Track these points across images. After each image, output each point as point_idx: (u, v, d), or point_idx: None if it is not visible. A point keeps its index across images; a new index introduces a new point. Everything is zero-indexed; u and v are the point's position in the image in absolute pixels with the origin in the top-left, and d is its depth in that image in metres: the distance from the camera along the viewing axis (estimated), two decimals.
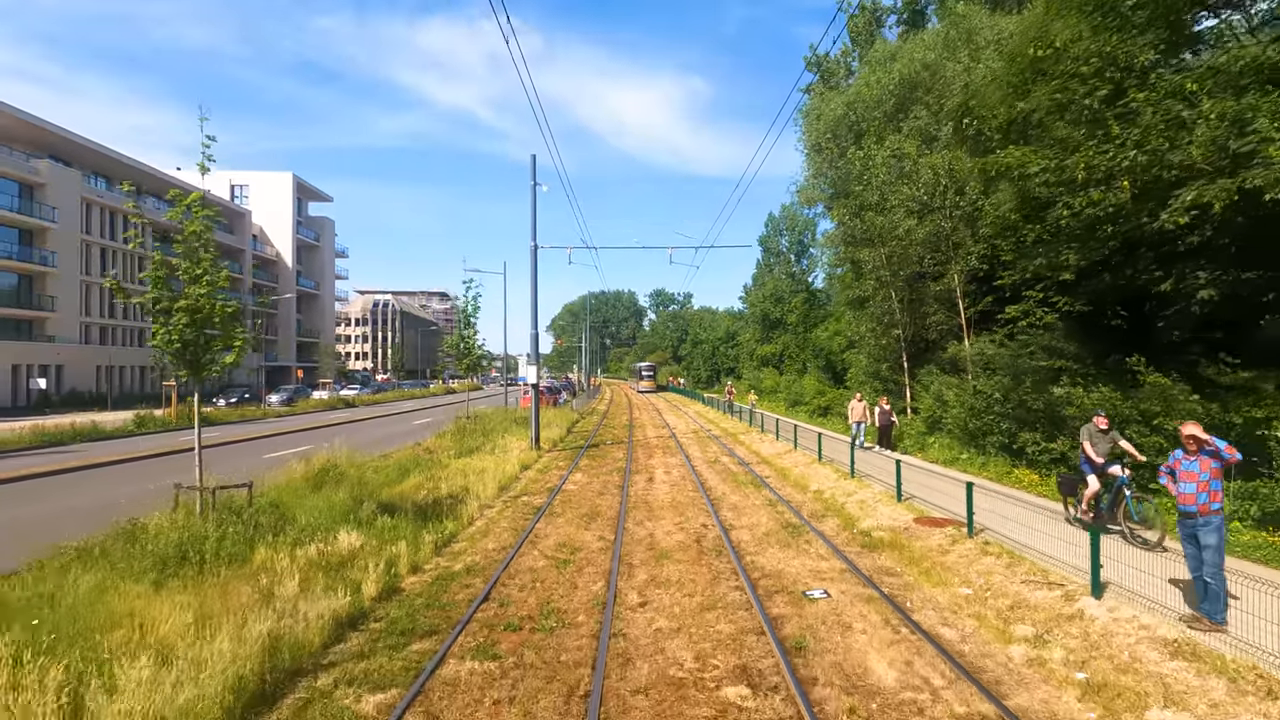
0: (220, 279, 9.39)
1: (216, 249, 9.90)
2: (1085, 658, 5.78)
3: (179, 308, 8.98)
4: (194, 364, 9.28)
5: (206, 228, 9.69)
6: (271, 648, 5.60)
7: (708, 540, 10.20)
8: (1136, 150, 8.62)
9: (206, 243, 9.46)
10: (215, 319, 9.29)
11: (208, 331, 9.29)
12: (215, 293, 9.29)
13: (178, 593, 6.69)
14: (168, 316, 9.01)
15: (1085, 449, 8.99)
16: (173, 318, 8.99)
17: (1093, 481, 8.97)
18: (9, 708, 4.41)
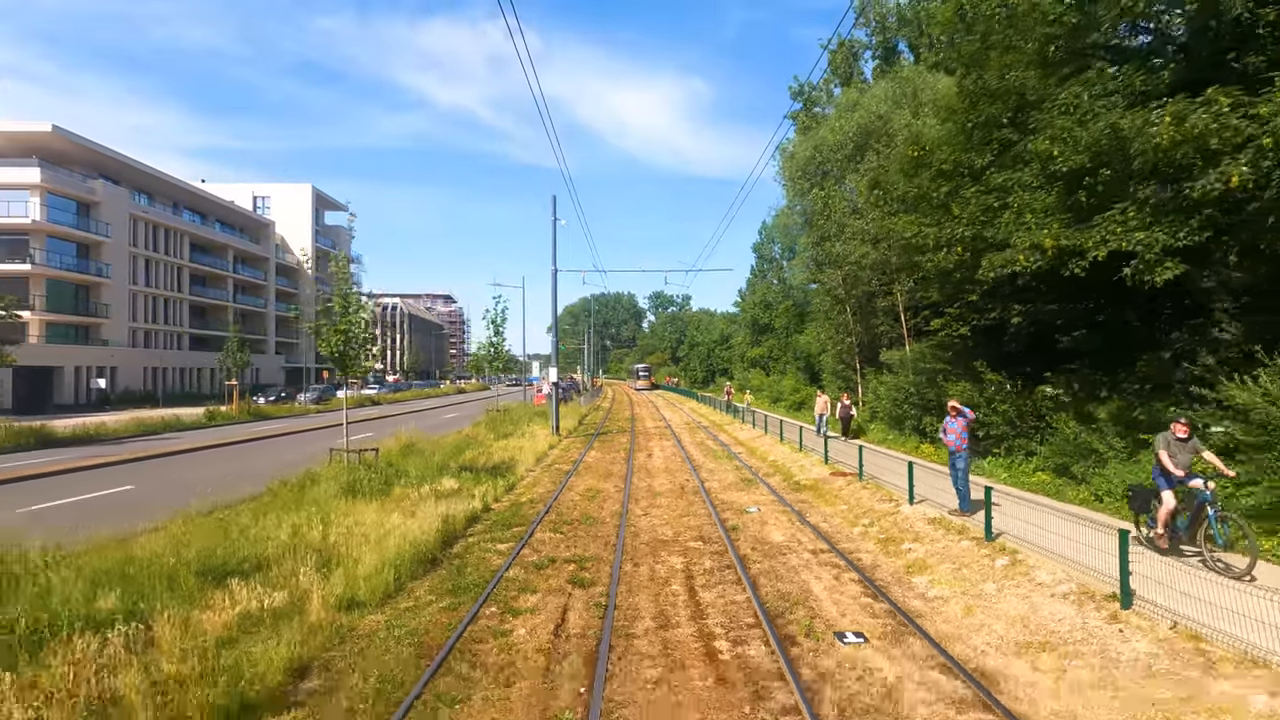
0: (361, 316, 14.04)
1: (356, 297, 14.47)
2: (888, 529, 10.47)
3: (338, 329, 13.65)
4: (343, 365, 13.98)
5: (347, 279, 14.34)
6: (441, 526, 10.26)
7: (689, 487, 14.90)
8: (964, 228, 13.25)
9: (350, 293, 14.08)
10: (358, 338, 13.96)
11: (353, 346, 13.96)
12: (358, 322, 13.95)
13: (363, 504, 11.34)
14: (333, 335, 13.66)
15: (1161, 459, 7.78)
16: (334, 337, 13.66)
17: (1168, 498, 7.69)
18: (320, 539, 9.03)
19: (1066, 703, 5.22)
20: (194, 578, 7.21)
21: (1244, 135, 8.38)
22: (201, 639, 5.86)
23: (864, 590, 7.96)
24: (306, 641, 6.12)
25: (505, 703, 5.28)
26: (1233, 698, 4.86)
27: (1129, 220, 9.76)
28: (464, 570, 8.71)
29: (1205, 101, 8.89)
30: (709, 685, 5.58)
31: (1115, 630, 6.14)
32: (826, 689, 5.50)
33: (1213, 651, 5.47)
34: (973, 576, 8.02)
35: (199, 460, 19.63)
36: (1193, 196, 8.85)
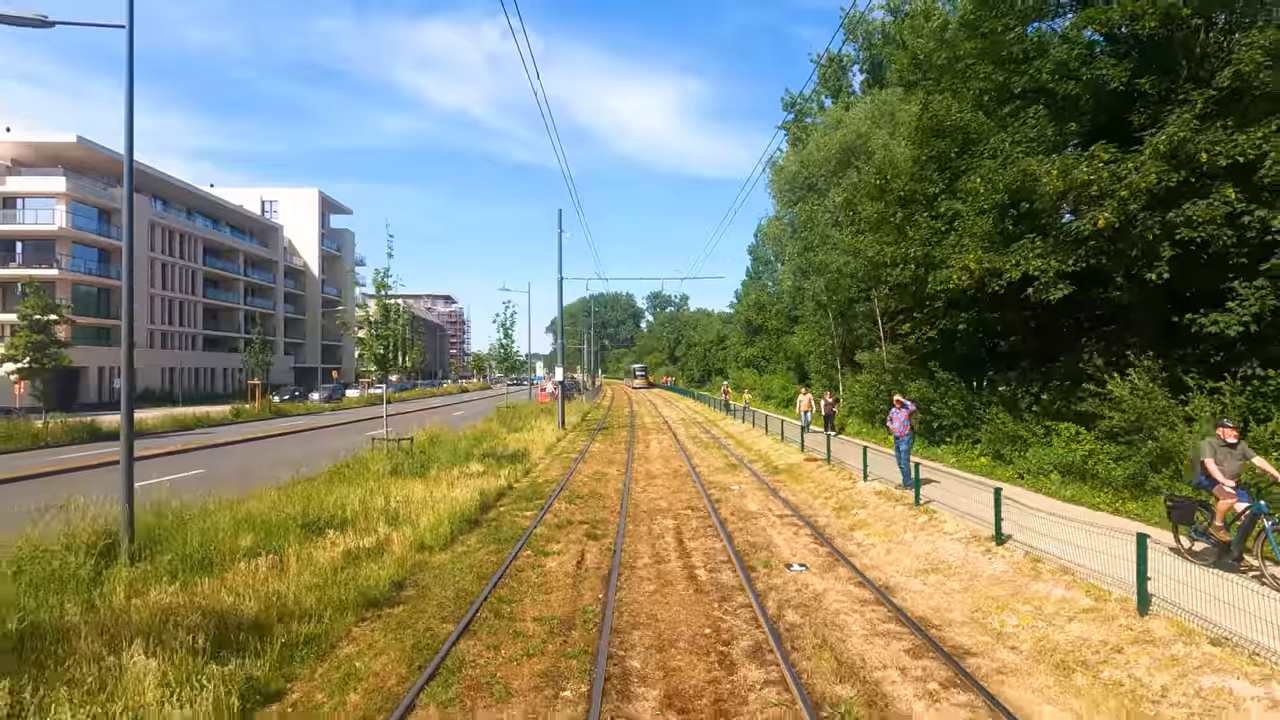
0: (402, 325, 16.29)
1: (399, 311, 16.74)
2: (842, 500, 12.78)
3: (381, 336, 15.93)
4: (384, 366, 16.25)
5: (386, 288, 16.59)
6: (478, 497, 12.54)
7: (682, 471, 17.20)
8: (916, 248, 15.53)
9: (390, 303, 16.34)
10: (398, 343, 16.24)
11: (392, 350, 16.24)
12: (397, 329, 16.22)
13: (408, 481, 13.60)
14: (374, 341, 15.93)
15: (1208, 468, 7.26)
16: (376, 343, 15.93)
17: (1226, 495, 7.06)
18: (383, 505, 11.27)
19: (938, 601, 7.54)
20: (299, 529, 9.48)
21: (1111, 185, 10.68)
22: (320, 566, 8.14)
23: (813, 540, 10.26)
24: (397, 567, 8.41)
25: (546, 602, 7.57)
26: (1042, 594, 7.16)
27: (1034, 249, 12.08)
28: (500, 528, 11.00)
29: (1089, 156, 11.21)
30: (690, 593, 7.88)
31: (986, 559, 8.45)
32: (772, 594, 7.80)
33: (1041, 566, 7.77)
34: (897, 530, 10.32)
35: (248, 450, 21.89)
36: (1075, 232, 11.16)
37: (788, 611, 7.26)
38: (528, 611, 7.25)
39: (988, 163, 13.42)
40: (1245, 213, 10.28)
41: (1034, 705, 5.22)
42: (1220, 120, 10.64)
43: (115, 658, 5.15)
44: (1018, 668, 5.87)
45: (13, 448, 21.92)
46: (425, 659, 5.96)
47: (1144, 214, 10.85)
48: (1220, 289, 10.80)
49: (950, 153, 16.20)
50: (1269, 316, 10.38)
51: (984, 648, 6.31)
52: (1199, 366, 11.23)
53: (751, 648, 6.28)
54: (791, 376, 40.40)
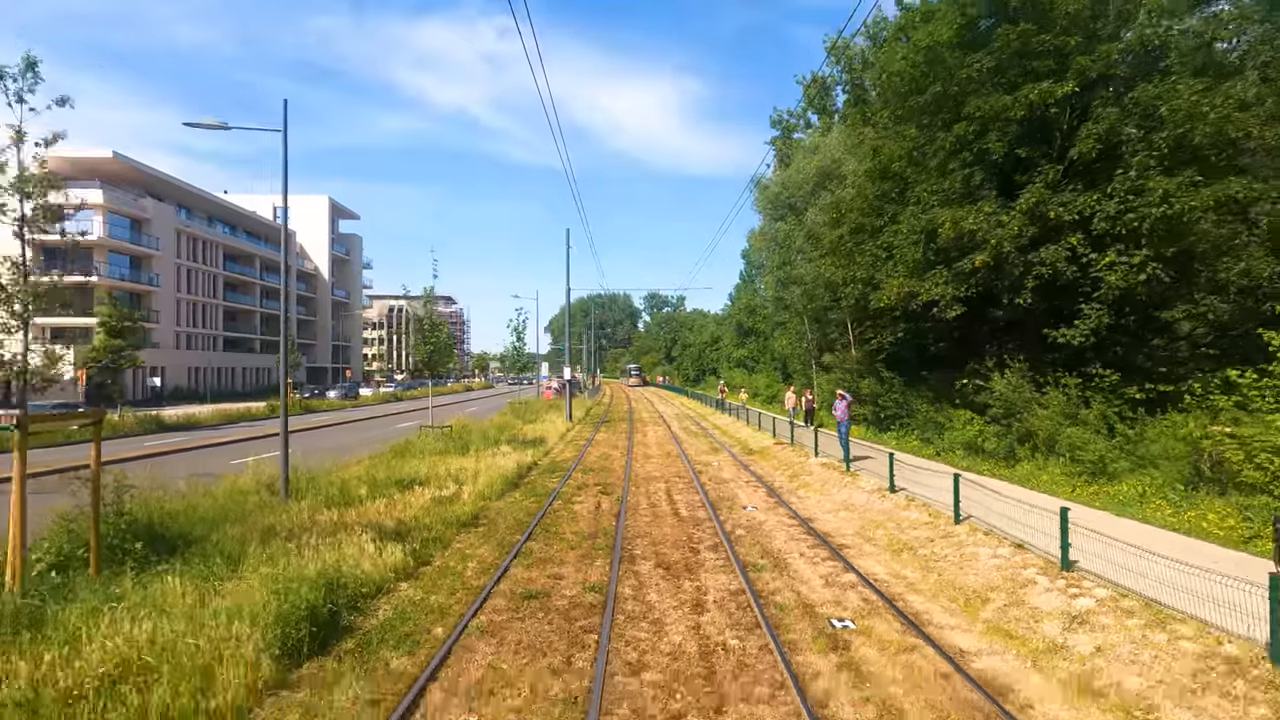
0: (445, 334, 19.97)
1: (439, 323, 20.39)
2: (795, 470, 16.53)
3: (428, 342, 19.62)
4: (432, 367, 19.94)
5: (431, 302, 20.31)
6: (515, 468, 16.24)
7: (674, 453, 20.91)
8: (862, 271, 19.24)
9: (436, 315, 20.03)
10: (441, 347, 19.92)
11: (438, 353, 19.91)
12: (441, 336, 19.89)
13: (456, 457, 17.26)
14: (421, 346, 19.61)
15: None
16: (424, 348, 19.61)
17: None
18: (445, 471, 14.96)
19: (839, 525, 11.26)
20: (394, 484, 13.15)
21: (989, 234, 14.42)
22: (418, 506, 11.82)
23: (767, 495, 14.00)
24: (472, 507, 12.10)
25: (576, 526, 11.26)
26: (904, 517, 10.89)
27: (940, 278, 15.83)
28: (535, 488, 14.70)
29: (976, 209, 14.96)
30: (674, 522, 11.59)
31: (880, 501, 12.18)
32: (729, 522, 11.54)
33: (912, 503, 11.49)
34: (829, 488, 14.06)
35: (310, 437, 25.48)
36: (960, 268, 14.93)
37: (738, 530, 10.98)
38: (566, 530, 10.96)
39: (912, 207, 17.19)
40: (1084, 255, 14.04)
41: (868, 564, 8.96)
42: (1070, 185, 14.42)
43: (333, 537, 8.82)
44: (871, 552, 9.61)
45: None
46: (507, 550, 9.65)
47: (1014, 254, 14.60)
48: (1072, 310, 14.56)
49: (892, 193, 19.95)
50: (1104, 331, 14.15)
51: (856, 544, 10.05)
52: (1059, 367, 14.97)
53: (711, 545, 10.01)
54: (776, 376, 44.16)
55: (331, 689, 5.40)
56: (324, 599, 6.66)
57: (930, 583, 8.26)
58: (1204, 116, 12.96)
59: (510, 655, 6.15)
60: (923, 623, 6.94)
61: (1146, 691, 5.19)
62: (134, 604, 6.09)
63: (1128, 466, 12.02)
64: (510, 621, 6.98)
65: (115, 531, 7.64)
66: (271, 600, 6.17)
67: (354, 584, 7.44)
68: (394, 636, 6.51)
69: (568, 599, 7.67)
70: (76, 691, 4.75)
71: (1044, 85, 14.20)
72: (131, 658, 5.12)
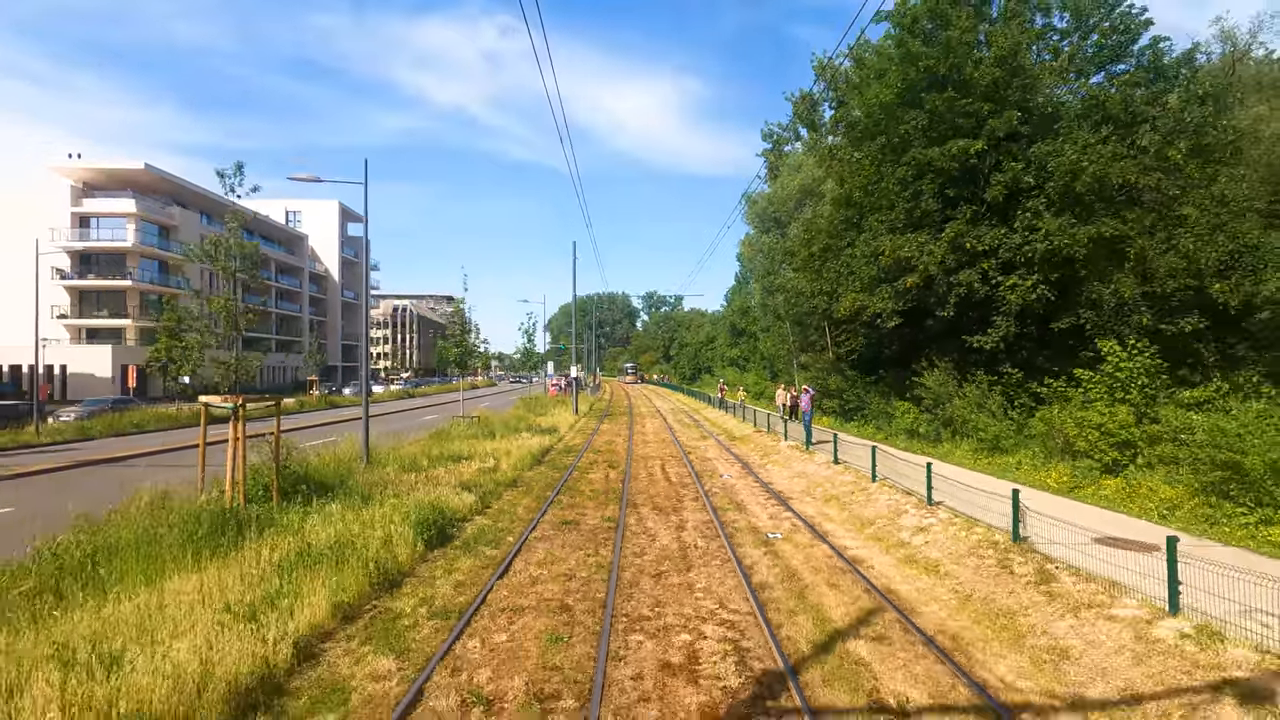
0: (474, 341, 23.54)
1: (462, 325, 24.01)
2: (767, 450, 20.14)
3: (459, 344, 23.18)
4: (463, 365, 23.51)
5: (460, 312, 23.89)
6: (537, 449, 19.82)
7: (668, 440, 24.51)
8: (827, 284, 22.84)
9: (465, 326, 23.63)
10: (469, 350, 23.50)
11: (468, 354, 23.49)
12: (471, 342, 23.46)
13: (486, 440, 20.83)
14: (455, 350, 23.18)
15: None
16: (454, 350, 23.18)
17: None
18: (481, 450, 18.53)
19: (791, 486, 14.87)
20: (446, 458, 16.71)
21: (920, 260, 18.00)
22: (469, 472, 15.39)
23: (741, 468, 17.59)
24: (510, 475, 15.67)
25: (592, 488, 14.85)
26: (841, 480, 14.49)
27: (885, 294, 19.45)
28: (555, 464, 18.28)
29: (909, 239, 18.55)
30: (666, 485, 15.18)
31: (827, 471, 15.77)
32: (708, 485, 15.14)
33: (849, 471, 15.08)
34: (791, 462, 17.66)
35: (347, 429, 29.02)
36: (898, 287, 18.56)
37: (714, 489, 14.59)
38: (584, 489, 14.55)
39: (865, 234, 20.79)
40: (994, 278, 17.65)
41: (803, 507, 12.57)
42: (985, 221, 18.03)
43: (423, 487, 12.37)
44: (808, 501, 13.23)
45: (167, 426, 29.08)
46: (543, 500, 13.22)
47: (940, 276, 18.21)
48: (987, 321, 18.16)
49: (853, 219, 23.54)
50: (1011, 338, 17.76)
51: (799, 496, 13.67)
52: (978, 367, 18.57)
53: (693, 497, 13.61)
54: (765, 374, 47.78)
55: (455, 560, 8.99)
56: (434, 518, 10.24)
57: (841, 516, 11.87)
58: (1084, 170, 16.58)
59: (558, 549, 9.73)
60: (826, 535, 10.54)
61: (939, 559, 8.80)
62: (319, 517, 9.66)
63: (1015, 443, 15.63)
64: (555, 534, 10.57)
65: (284, 477, 11.19)
66: (410, 514, 9.75)
67: (449, 512, 11.01)
68: (483, 540, 10.10)
69: (591, 525, 11.25)
70: (317, 553, 8.30)
71: (962, 142, 17.83)
72: (343, 537, 8.67)
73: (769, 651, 6.19)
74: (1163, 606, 6.24)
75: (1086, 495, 11.58)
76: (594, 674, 5.72)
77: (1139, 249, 16.92)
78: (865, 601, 7.56)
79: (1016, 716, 5.08)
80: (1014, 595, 7.28)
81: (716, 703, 5.29)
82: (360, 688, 5.48)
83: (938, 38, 19.36)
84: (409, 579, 8.24)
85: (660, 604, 7.46)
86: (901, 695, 5.39)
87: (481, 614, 7.10)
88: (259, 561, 7.65)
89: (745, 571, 8.58)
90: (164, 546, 8.03)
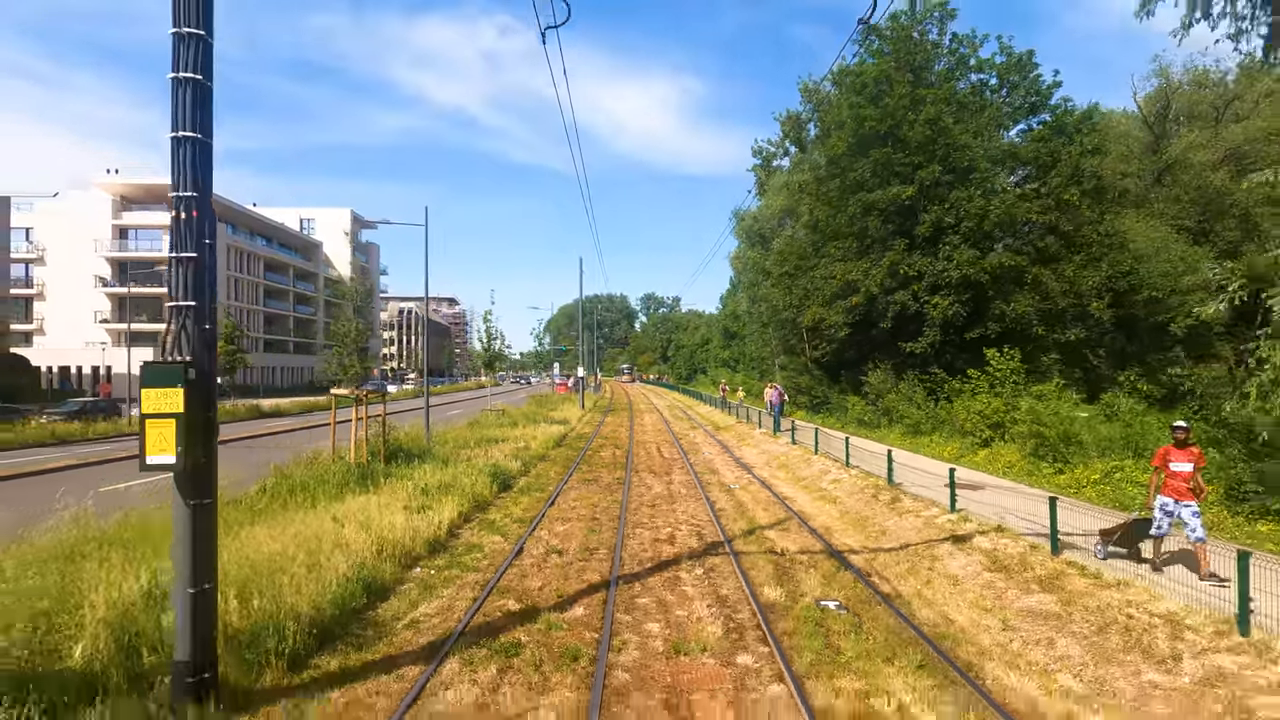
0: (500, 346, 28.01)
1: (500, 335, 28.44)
2: (744, 438, 24.63)
3: (486, 349, 27.63)
4: (491, 366, 27.93)
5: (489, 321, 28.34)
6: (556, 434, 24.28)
7: (663, 429, 28.98)
8: (795, 298, 27.25)
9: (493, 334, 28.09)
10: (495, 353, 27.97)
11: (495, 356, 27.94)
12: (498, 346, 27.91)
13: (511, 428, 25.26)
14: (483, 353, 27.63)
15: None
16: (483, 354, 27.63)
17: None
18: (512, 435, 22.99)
19: (757, 460, 19.36)
20: (486, 441, 21.14)
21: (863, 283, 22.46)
22: (508, 450, 19.83)
23: (721, 449, 22.06)
24: (540, 452, 20.12)
25: (604, 461, 19.30)
26: (794, 455, 18.96)
27: (838, 309, 23.92)
28: (572, 446, 22.71)
29: (855, 265, 23.03)
30: (661, 460, 19.65)
31: (785, 450, 20.23)
32: (694, 460, 19.63)
33: (801, 449, 19.54)
34: (761, 445, 22.13)
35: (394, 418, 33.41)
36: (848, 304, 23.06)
37: (698, 463, 19.05)
38: (597, 462, 19.01)
39: (824, 261, 25.28)
40: (923, 297, 22.14)
41: (761, 473, 17.05)
42: (917, 251, 22.53)
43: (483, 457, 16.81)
44: (767, 468, 17.72)
45: (226, 419, 33.43)
46: (568, 468, 17.67)
47: (880, 296, 22.70)
48: (918, 331, 22.64)
49: (818, 243, 28.04)
50: (938, 344, 22.25)
51: (761, 466, 18.15)
52: (913, 368, 23.04)
53: (681, 467, 18.08)
54: (754, 374, 52.26)
55: (518, 498, 13.44)
56: (498, 473, 14.68)
57: (785, 476, 16.35)
58: (990, 212, 21.09)
59: (585, 493, 14.17)
60: (770, 485, 15.01)
61: (838, 495, 13.28)
62: (423, 470, 14.08)
63: (931, 426, 20.12)
64: (581, 486, 15.02)
65: (387, 447, 15.61)
66: (483, 469, 14.20)
67: (505, 472, 15.45)
68: (533, 489, 14.55)
69: (605, 482, 15.68)
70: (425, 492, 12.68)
71: (898, 188, 22.35)
72: (446, 483, 13.08)
73: (717, 534, 10.64)
74: (947, 508, 10.71)
75: (966, 461, 16.05)
76: (615, 543, 10.14)
77: (1035, 275, 21.45)
78: (781, 514, 12.03)
79: (847, 556, 9.51)
80: (872, 509, 11.77)
81: (685, 552, 9.72)
82: (485, 546, 9.91)
83: (882, 101, 23.87)
84: (492, 506, 12.70)
85: (654, 518, 11.90)
86: (785, 549, 9.83)
87: (542, 522, 11.53)
88: (404, 491, 12.07)
89: (710, 503, 13.04)
90: (331, 484, 12.43)
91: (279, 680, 5.49)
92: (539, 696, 5.39)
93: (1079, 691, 5.44)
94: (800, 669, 5.82)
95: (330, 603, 6.74)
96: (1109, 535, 8.03)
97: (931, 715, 5.03)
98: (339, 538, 8.52)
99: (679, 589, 8.04)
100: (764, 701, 5.31)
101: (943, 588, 7.99)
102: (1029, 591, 7.39)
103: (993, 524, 9.78)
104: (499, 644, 6.32)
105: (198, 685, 4.79)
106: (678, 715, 5.11)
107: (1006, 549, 8.66)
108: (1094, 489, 12.04)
